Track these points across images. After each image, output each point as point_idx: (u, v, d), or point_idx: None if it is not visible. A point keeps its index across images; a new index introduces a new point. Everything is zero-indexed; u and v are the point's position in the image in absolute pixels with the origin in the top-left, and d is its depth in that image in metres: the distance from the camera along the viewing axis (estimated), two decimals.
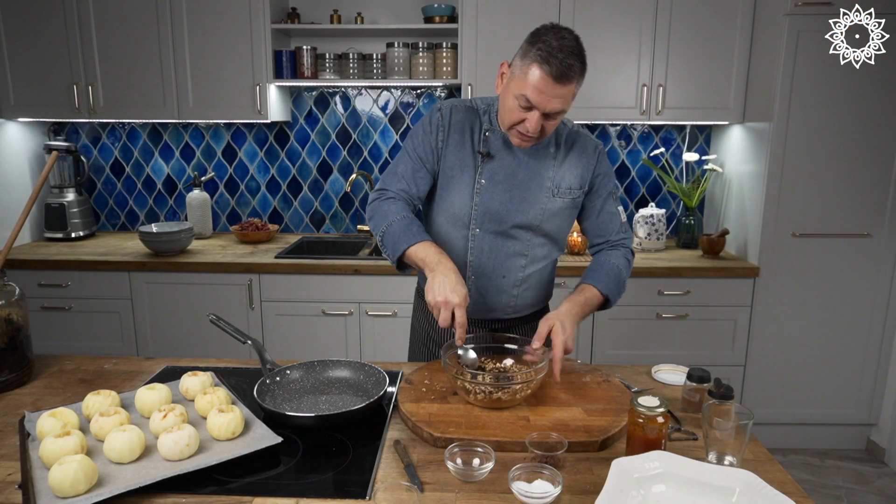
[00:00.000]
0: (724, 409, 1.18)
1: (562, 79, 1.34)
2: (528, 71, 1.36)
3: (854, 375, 2.90)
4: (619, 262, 1.59)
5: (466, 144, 1.54)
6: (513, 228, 1.56)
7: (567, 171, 1.56)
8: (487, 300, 1.61)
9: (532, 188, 1.54)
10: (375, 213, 1.55)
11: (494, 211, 1.54)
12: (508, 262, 1.59)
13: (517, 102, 1.39)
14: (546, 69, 1.33)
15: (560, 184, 1.55)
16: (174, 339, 2.89)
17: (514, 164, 1.54)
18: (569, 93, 1.37)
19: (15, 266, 2.82)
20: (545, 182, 1.55)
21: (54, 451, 1.10)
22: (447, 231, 1.60)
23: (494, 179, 1.53)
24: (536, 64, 1.34)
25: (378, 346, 2.86)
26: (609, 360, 2.86)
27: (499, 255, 1.58)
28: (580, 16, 2.83)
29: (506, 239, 1.57)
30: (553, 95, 1.35)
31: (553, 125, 1.44)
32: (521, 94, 1.37)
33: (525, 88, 1.36)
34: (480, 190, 1.54)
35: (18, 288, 1.55)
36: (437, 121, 1.56)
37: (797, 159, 2.73)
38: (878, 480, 2.77)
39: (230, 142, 3.37)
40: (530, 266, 1.61)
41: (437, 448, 1.23)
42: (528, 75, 1.36)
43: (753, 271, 2.80)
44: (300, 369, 1.49)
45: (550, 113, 1.39)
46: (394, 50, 3.00)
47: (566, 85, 1.35)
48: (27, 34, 2.93)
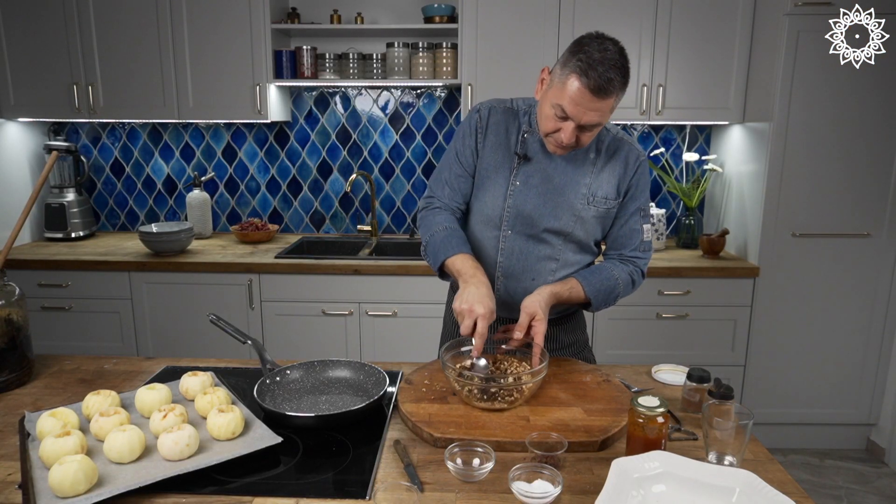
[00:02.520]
0: (724, 409, 1.18)
1: (600, 93, 1.31)
2: (566, 81, 1.34)
3: (854, 375, 2.90)
4: (620, 276, 1.55)
5: (503, 145, 1.55)
6: (544, 233, 1.54)
7: (604, 180, 1.53)
8: (515, 300, 1.56)
9: (567, 194, 1.52)
10: (422, 223, 1.61)
11: (527, 214, 1.53)
12: (539, 266, 1.57)
13: (553, 112, 1.38)
14: (584, 81, 1.31)
15: (596, 192, 1.53)
16: (174, 339, 2.89)
17: (550, 168, 1.52)
18: (606, 106, 1.35)
19: (15, 266, 2.82)
20: (581, 189, 1.52)
21: (54, 451, 1.10)
22: (480, 230, 1.60)
23: (529, 182, 1.52)
24: (575, 75, 1.32)
25: (378, 346, 2.86)
26: (609, 360, 2.86)
27: (529, 258, 1.57)
28: (580, 16, 2.83)
29: (537, 242, 1.56)
30: (590, 108, 1.34)
31: (590, 137, 1.42)
32: (558, 104, 1.36)
33: (562, 99, 1.35)
34: (514, 192, 1.53)
35: (18, 288, 1.55)
36: (476, 122, 1.56)
37: (797, 159, 2.73)
38: (878, 480, 2.77)
39: (230, 142, 3.37)
40: (561, 270, 1.58)
41: (437, 448, 1.23)
42: (566, 85, 1.34)
43: (753, 271, 2.80)
44: (300, 369, 1.50)
45: (586, 125, 1.37)
46: (394, 50, 3.00)
47: (604, 99, 1.33)
48: (27, 34, 2.93)
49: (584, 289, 1.52)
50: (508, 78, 2.89)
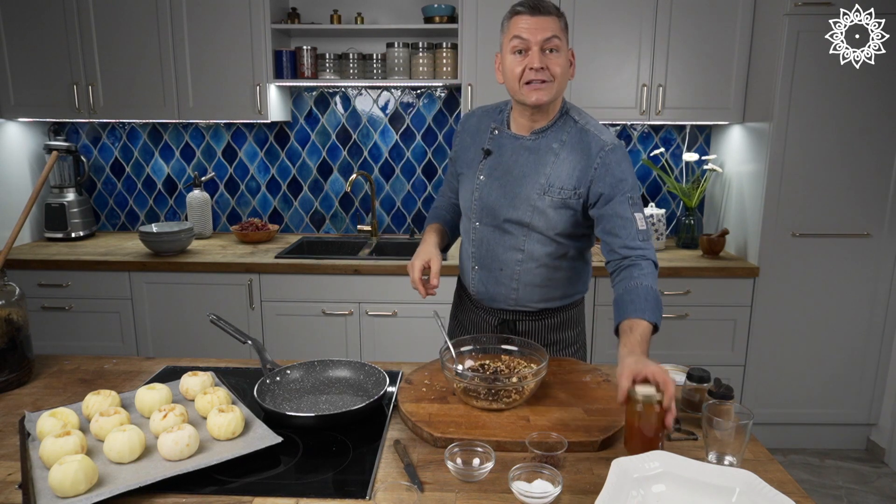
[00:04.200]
0: (724, 409, 1.18)
1: (537, 11, 1.45)
2: (509, 24, 1.50)
3: (854, 375, 2.90)
4: (650, 283, 1.42)
5: (476, 145, 1.66)
6: (506, 223, 1.59)
7: (564, 171, 1.53)
8: (489, 290, 1.67)
9: (525, 184, 1.55)
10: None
11: (490, 205, 1.60)
12: (505, 256, 1.62)
13: (514, 54, 1.48)
14: (520, 10, 1.48)
15: (554, 182, 1.53)
16: (174, 339, 2.89)
17: (511, 160, 1.58)
18: (552, 24, 1.46)
19: (15, 266, 2.82)
20: (539, 179, 1.55)
21: (54, 451, 1.10)
22: (462, 223, 1.74)
23: (492, 175, 1.60)
24: (511, 16, 1.50)
25: (378, 346, 2.86)
26: (609, 360, 2.86)
27: (496, 248, 1.63)
28: (580, 16, 2.83)
29: (502, 233, 1.61)
30: (537, 27, 1.45)
31: (557, 63, 1.47)
32: (513, 40, 1.47)
33: (513, 34, 1.47)
34: (479, 185, 1.62)
35: (18, 288, 1.55)
36: (458, 131, 1.74)
37: (797, 159, 2.73)
38: (878, 480, 2.77)
39: (230, 142, 3.37)
40: (528, 262, 1.60)
41: (437, 448, 1.23)
42: (510, 26, 1.49)
43: (753, 271, 2.80)
44: (300, 369, 1.50)
45: (545, 47, 1.46)
46: (394, 50, 3.00)
47: (545, 16, 1.46)
48: (27, 34, 2.93)
49: (642, 317, 1.37)
50: None
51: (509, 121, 1.62)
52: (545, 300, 1.66)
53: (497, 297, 1.67)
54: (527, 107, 1.52)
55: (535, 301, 1.66)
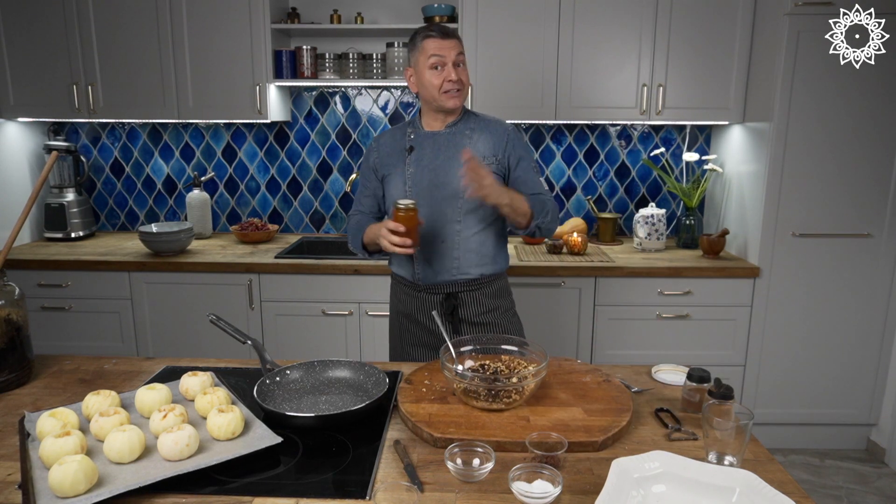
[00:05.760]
0: (724, 409, 1.18)
1: (446, 35, 1.78)
2: (423, 46, 1.78)
3: (854, 375, 2.90)
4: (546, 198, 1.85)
5: (396, 151, 1.90)
6: (442, 200, 1.83)
7: (480, 147, 1.85)
8: (433, 265, 1.88)
9: (452, 164, 1.82)
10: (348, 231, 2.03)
11: (424, 188, 1.84)
12: (445, 229, 1.85)
13: (432, 71, 1.78)
14: (432, 34, 1.78)
15: (475, 154, 1.81)
16: (174, 339, 2.89)
17: (434, 150, 1.86)
18: (458, 45, 1.79)
19: (15, 266, 2.82)
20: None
21: (54, 451, 1.10)
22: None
23: (421, 164, 1.85)
24: (424, 38, 1.78)
25: (378, 346, 2.86)
26: (609, 360, 2.86)
27: (435, 224, 1.85)
28: (580, 16, 2.83)
29: (440, 210, 1.85)
30: (448, 47, 1.77)
31: (465, 74, 1.82)
32: (430, 59, 1.76)
33: (428, 54, 1.77)
34: (411, 175, 1.86)
35: (18, 288, 1.55)
36: (372, 147, 1.97)
37: (797, 159, 2.73)
38: (878, 480, 2.77)
39: (230, 142, 3.37)
40: (466, 230, 1.86)
41: (437, 448, 1.23)
42: (425, 47, 1.78)
43: (754, 271, 2.80)
44: (300, 369, 1.50)
45: (456, 62, 1.78)
46: (394, 50, 3.00)
47: (453, 39, 1.79)
48: (27, 34, 2.93)
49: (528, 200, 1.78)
50: (508, 78, 2.89)
51: (421, 125, 1.90)
52: (481, 265, 1.90)
53: (441, 271, 1.88)
54: (442, 111, 1.84)
55: (474, 265, 1.88)
